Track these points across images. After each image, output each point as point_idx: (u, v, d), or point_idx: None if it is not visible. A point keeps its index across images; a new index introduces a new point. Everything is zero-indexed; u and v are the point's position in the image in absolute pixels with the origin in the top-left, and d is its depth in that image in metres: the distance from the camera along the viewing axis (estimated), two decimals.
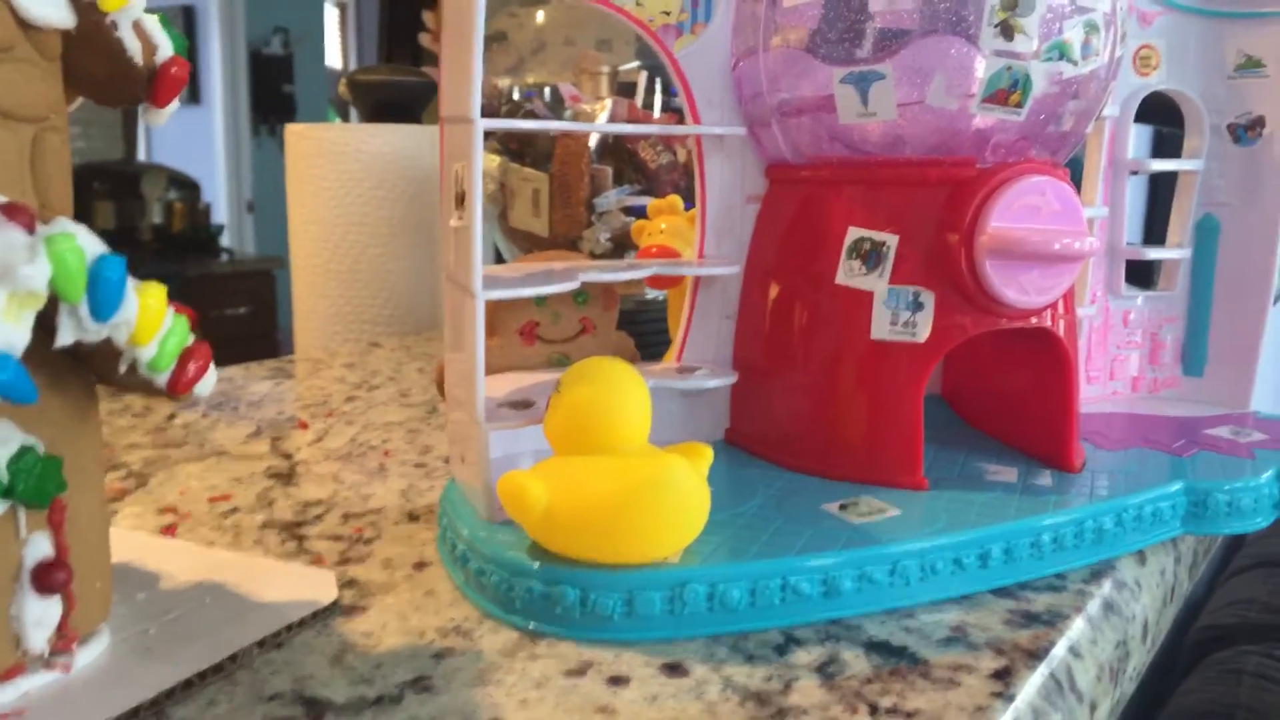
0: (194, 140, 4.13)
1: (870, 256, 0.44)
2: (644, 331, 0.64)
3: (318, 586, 0.37)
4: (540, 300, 0.46)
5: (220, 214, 3.78)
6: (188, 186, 3.26)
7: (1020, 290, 0.43)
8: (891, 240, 0.44)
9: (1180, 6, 0.56)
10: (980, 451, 0.49)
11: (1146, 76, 0.56)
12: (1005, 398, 0.51)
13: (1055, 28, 0.41)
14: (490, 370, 0.46)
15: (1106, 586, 0.41)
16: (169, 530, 0.43)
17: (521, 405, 0.41)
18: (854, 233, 0.44)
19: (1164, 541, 0.46)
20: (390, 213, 0.88)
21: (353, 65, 4.60)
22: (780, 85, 0.45)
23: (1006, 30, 0.41)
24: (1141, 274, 0.61)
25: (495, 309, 0.45)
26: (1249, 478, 0.47)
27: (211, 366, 0.29)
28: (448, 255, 0.39)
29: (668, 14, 0.46)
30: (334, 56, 4.65)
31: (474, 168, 0.36)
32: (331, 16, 4.68)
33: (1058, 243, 0.42)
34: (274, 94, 4.35)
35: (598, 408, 0.35)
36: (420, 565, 0.40)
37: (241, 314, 2.87)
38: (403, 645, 0.34)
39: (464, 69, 0.36)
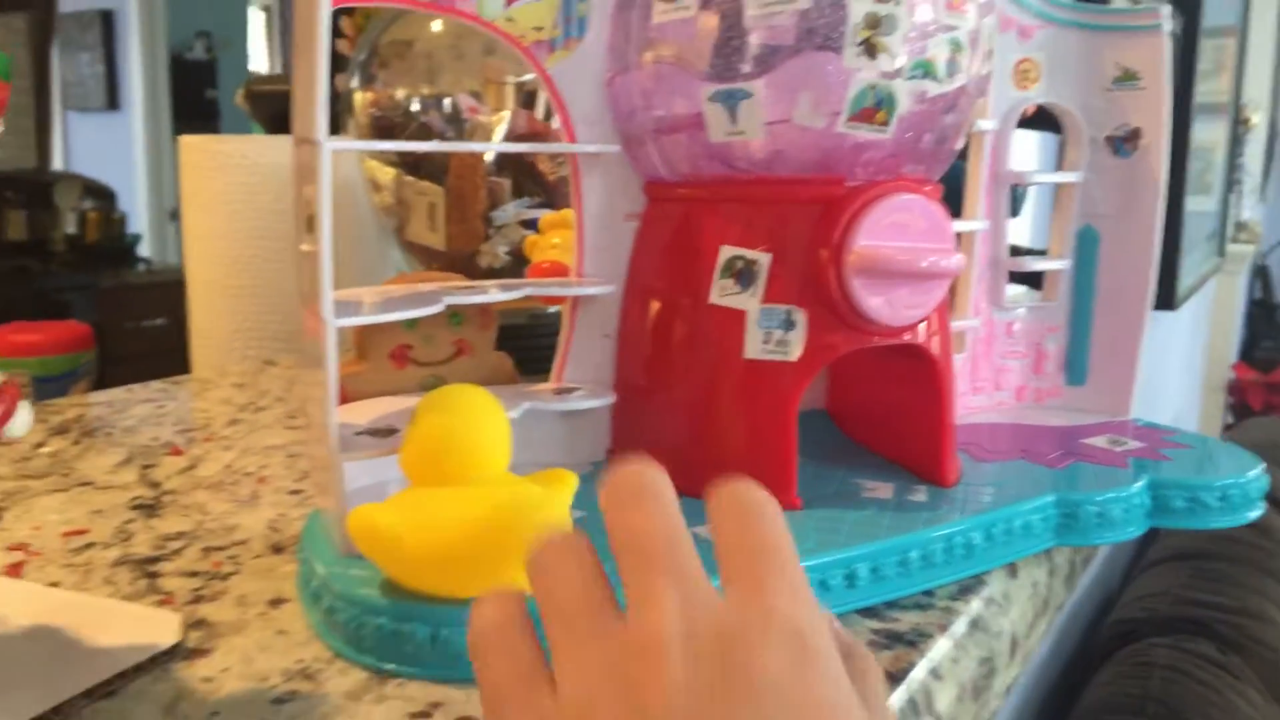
0: (113, 148, 4.02)
1: (743, 275, 0.44)
2: (539, 346, 0.63)
3: (160, 629, 0.35)
4: (411, 323, 0.44)
5: (140, 223, 3.68)
6: (103, 195, 3.17)
7: (889, 308, 0.43)
8: (764, 259, 0.43)
9: (1059, 20, 0.57)
10: (859, 468, 0.49)
11: (1026, 90, 0.56)
12: (885, 413, 0.51)
13: (919, 46, 0.41)
14: (360, 395, 0.45)
15: (974, 603, 0.41)
16: (13, 570, 0.41)
17: (384, 432, 0.40)
18: (727, 251, 0.44)
19: (1037, 554, 0.46)
20: (290, 227, 0.86)
21: (279, 70, 4.51)
22: (654, 102, 0.45)
23: (870, 49, 0.41)
24: (1039, 279, 0.62)
25: (363, 333, 0.44)
26: (1120, 488, 0.47)
27: (23, 406, 0.28)
28: (301, 280, 0.38)
29: (540, 29, 0.45)
30: (260, 61, 4.56)
31: (322, 191, 0.35)
32: (257, 20, 4.59)
33: (924, 260, 0.42)
34: (197, 100, 4.25)
35: (451, 437, 0.34)
36: (276, 602, 0.39)
37: (160, 325, 2.79)
38: (243, 690, 0.32)
39: (308, 88, 0.35)
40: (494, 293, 0.42)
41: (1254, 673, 1.48)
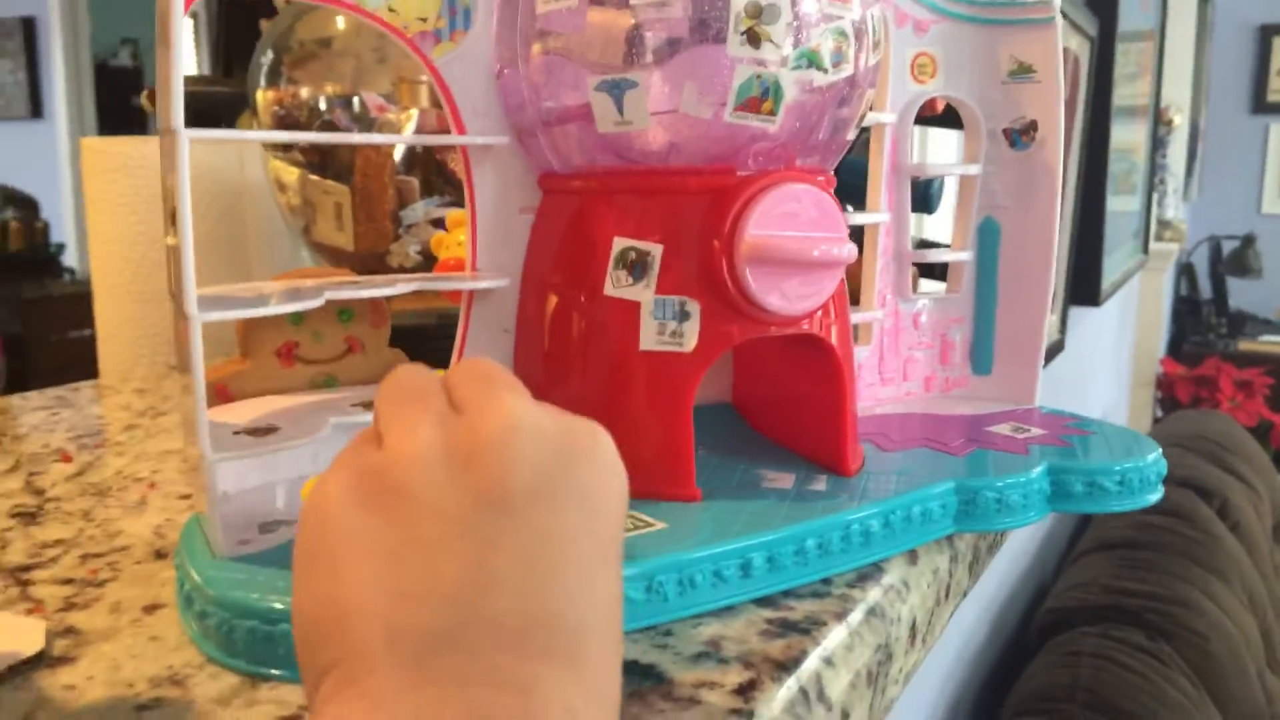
0: (36, 156, 3.93)
1: (636, 267, 0.43)
2: (450, 349, 0.62)
3: (23, 637, 0.34)
4: (297, 319, 0.43)
5: (63, 232, 3.59)
6: (24, 204, 3.08)
7: (782, 297, 0.43)
8: (656, 250, 0.43)
9: (954, 14, 0.57)
10: (762, 459, 0.49)
11: (924, 84, 0.57)
12: (788, 404, 0.51)
13: (803, 35, 0.41)
14: (245, 395, 0.44)
15: (872, 590, 0.41)
16: None
17: (264, 431, 0.38)
18: (619, 243, 0.44)
19: (938, 540, 0.46)
20: (196, 229, 0.84)
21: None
22: (542, 94, 0.44)
23: (753, 38, 0.40)
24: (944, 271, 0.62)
25: (247, 330, 0.43)
26: (1019, 474, 0.48)
27: None
28: (169, 276, 0.37)
29: (424, 20, 0.44)
30: (189, 67, 4.47)
31: (182, 182, 0.34)
32: (185, 26, 4.50)
33: (816, 249, 0.42)
34: (123, 106, 4.16)
35: None
36: (152, 608, 0.37)
37: (87, 335, 2.72)
38: (106, 698, 0.31)
39: (165, 76, 0.34)
40: (378, 287, 0.41)
41: (1182, 659, 1.52)
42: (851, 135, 0.47)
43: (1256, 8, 4.14)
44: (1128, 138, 2.05)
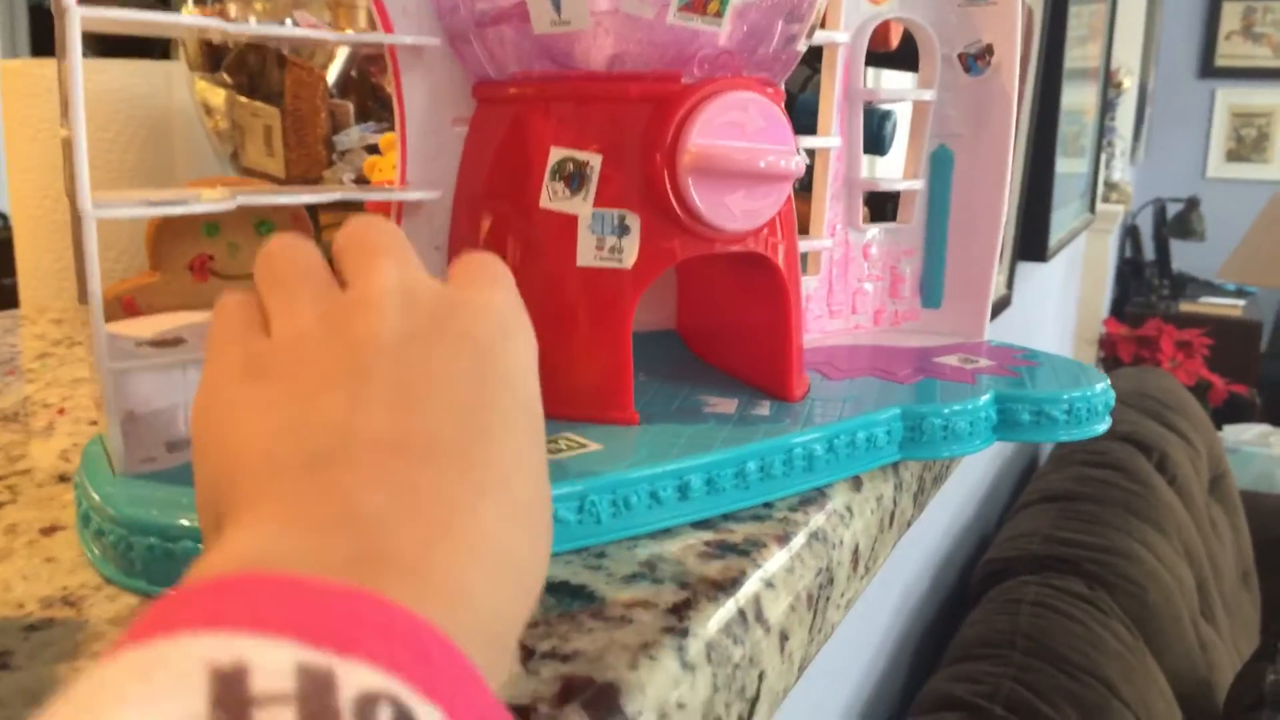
0: None
1: (574, 178, 0.41)
2: None
3: None
4: (212, 230, 0.41)
5: None
6: None
7: (726, 212, 0.41)
8: (595, 160, 0.41)
9: None
10: (705, 385, 0.47)
11: (879, 5, 0.55)
12: (733, 330, 0.50)
13: None
14: (155, 310, 0.41)
15: (814, 514, 0.40)
16: None
17: (171, 343, 0.36)
18: (557, 153, 0.41)
19: (884, 467, 0.45)
20: (121, 157, 0.80)
21: None
22: None
23: None
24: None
25: (157, 241, 0.40)
26: (966, 401, 0.47)
27: None
28: (64, 173, 0.34)
29: None
30: None
31: (74, 68, 0.31)
32: None
33: (762, 160, 0.40)
34: None
35: None
36: (50, 530, 0.35)
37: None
38: None
39: None
40: (297, 195, 0.38)
41: (1120, 608, 1.54)
42: (802, 47, 0.45)
43: None
44: (1078, 100, 2.05)
